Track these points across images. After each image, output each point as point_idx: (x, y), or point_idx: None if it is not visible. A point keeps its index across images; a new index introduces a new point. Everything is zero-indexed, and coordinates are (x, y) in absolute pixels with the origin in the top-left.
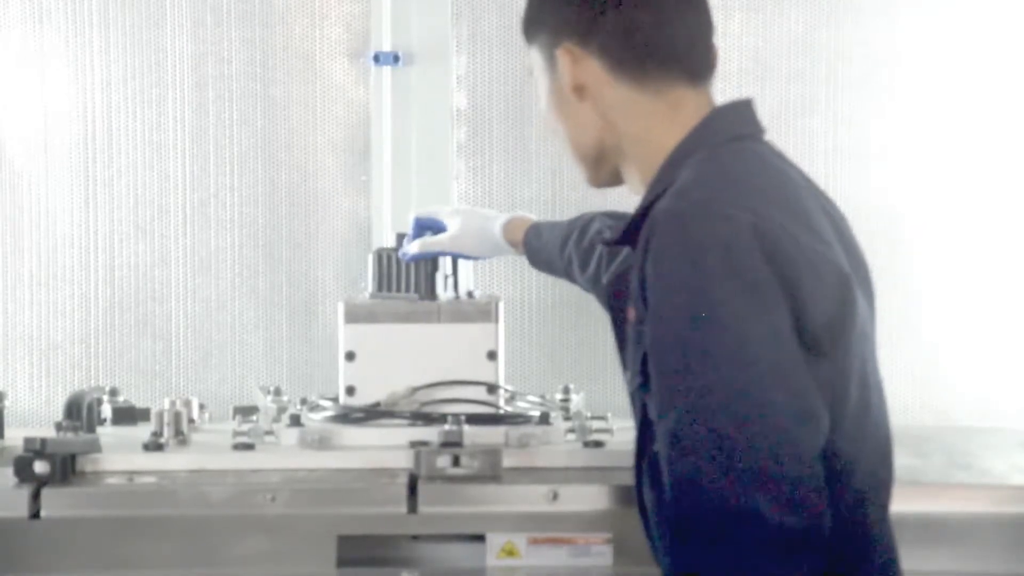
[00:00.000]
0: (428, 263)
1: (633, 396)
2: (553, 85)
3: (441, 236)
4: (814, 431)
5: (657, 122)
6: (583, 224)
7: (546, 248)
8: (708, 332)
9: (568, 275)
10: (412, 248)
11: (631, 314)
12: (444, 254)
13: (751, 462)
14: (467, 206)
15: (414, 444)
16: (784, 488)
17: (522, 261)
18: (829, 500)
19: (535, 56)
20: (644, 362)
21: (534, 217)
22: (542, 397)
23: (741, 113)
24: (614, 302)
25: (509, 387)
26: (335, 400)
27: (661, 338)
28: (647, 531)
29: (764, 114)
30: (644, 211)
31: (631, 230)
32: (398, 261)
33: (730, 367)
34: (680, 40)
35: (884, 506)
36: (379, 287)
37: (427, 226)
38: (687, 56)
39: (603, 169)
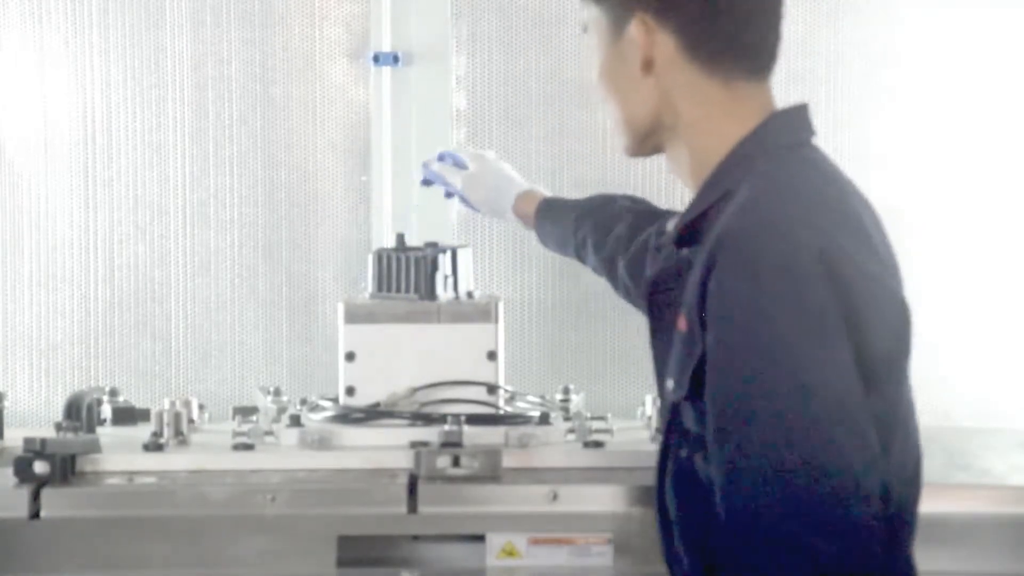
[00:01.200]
0: (428, 263)
1: (665, 399)
2: (613, 51)
3: (458, 172)
4: (874, 469)
5: (719, 112)
6: (601, 202)
7: (559, 224)
8: (771, 362)
9: (579, 255)
10: (431, 166)
11: (681, 322)
12: (452, 191)
13: (811, 502)
14: (492, 153)
15: (414, 444)
16: (843, 530)
17: (522, 260)
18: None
19: (598, 16)
20: (695, 374)
21: (548, 192)
22: (542, 397)
23: (801, 118)
24: (655, 300)
25: (509, 387)
26: (335, 400)
27: (722, 365)
28: (664, 534)
29: None
30: (703, 211)
31: (689, 229)
32: (398, 261)
33: (793, 400)
34: (756, 31)
35: (914, 530)
36: (379, 287)
37: (450, 159)
38: (759, 49)
39: (648, 143)
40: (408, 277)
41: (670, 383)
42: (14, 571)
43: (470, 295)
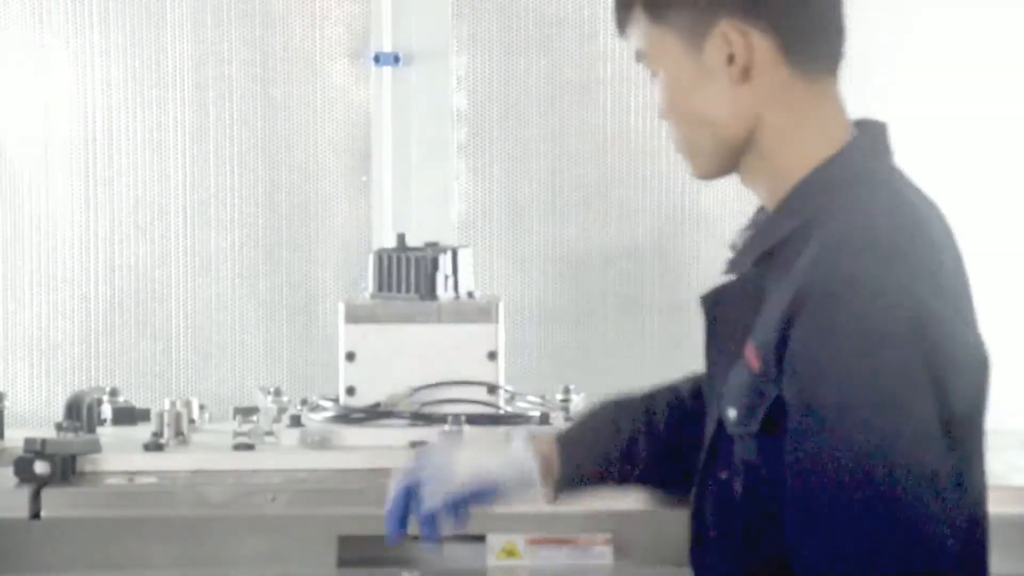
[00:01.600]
0: (428, 263)
1: (709, 419)
2: (694, 69)
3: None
4: (958, 539)
5: (807, 118)
6: (646, 408)
7: (594, 449)
8: (857, 430)
9: (634, 474)
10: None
11: (752, 358)
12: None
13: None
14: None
15: (414, 444)
16: None
17: (522, 261)
18: None
19: (662, 37)
20: (767, 417)
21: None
22: (542, 397)
23: (883, 136)
24: (716, 312)
25: (509, 387)
26: (335, 400)
27: (806, 429)
28: (696, 543)
29: None
30: (781, 236)
31: (765, 252)
32: (398, 261)
33: (879, 468)
34: (837, 16)
35: None
36: (379, 287)
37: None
38: (839, 36)
39: (729, 162)
40: (408, 277)
41: (732, 412)
42: (15, 571)
43: (470, 295)
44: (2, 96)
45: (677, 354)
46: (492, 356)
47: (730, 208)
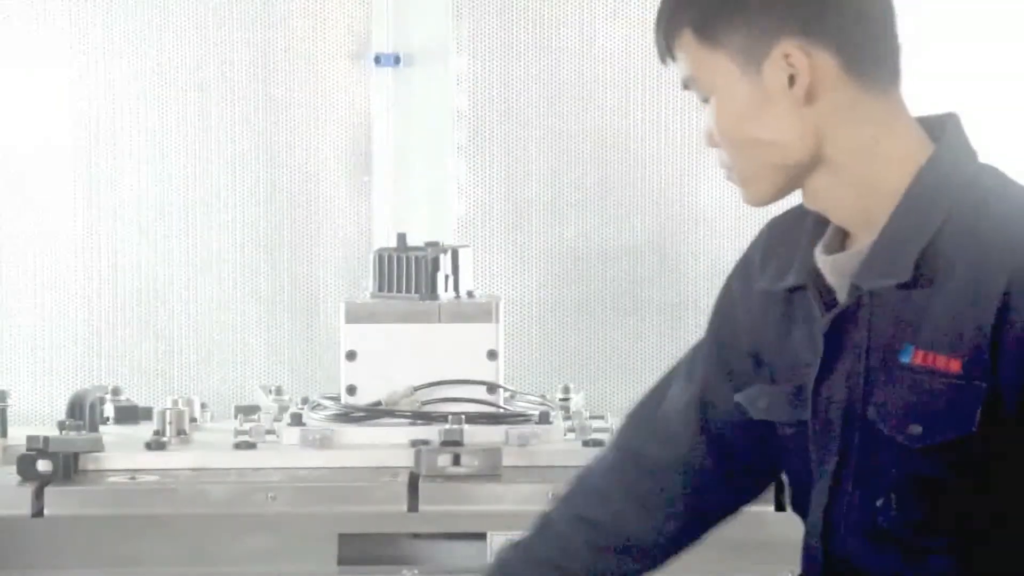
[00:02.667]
0: (429, 263)
1: (867, 435)
2: (753, 92)
3: None
4: None
5: (882, 131)
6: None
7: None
8: None
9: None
10: None
11: (940, 365)
12: None
13: None
14: None
15: (415, 443)
16: None
17: (522, 260)
18: None
19: (716, 61)
20: (983, 422)
21: None
22: (542, 396)
23: (962, 128)
24: (835, 340)
25: (509, 386)
26: (336, 399)
27: None
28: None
29: None
30: (925, 243)
31: (902, 263)
32: (399, 261)
33: None
34: (892, 28)
35: None
36: (380, 287)
37: None
38: (897, 47)
39: (789, 185)
40: (409, 277)
41: (916, 428)
42: (17, 568)
43: (470, 295)
44: (3, 96)
45: (675, 352)
46: (492, 355)
47: (726, 209)
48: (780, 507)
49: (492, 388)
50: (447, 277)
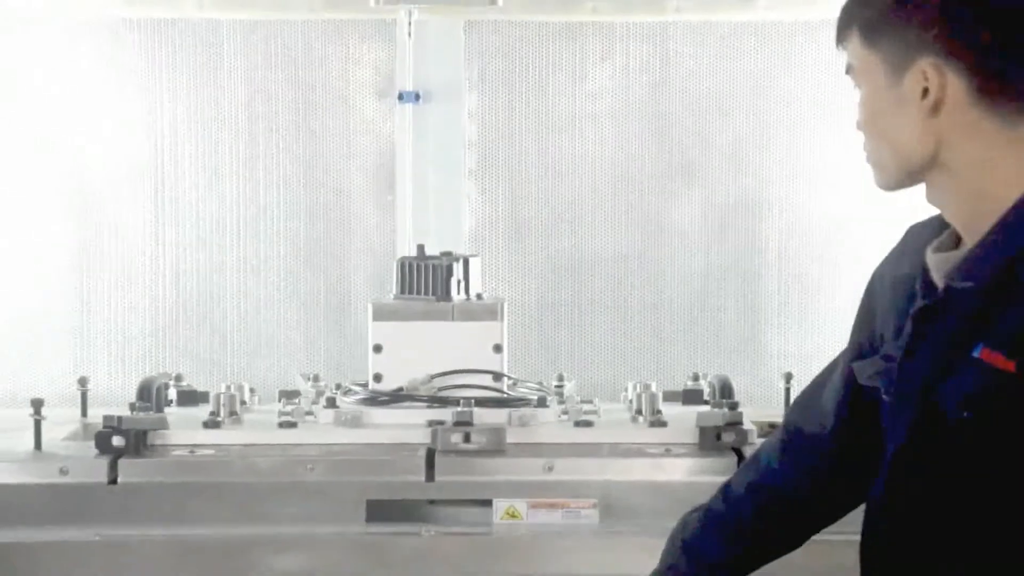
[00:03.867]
0: (444, 269)
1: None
2: (890, 95)
3: None
4: None
5: (1001, 154)
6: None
7: None
8: None
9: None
10: None
11: (1001, 363)
12: None
13: None
14: None
15: (431, 423)
16: None
17: (523, 268)
18: None
19: (871, 60)
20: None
21: None
22: (540, 383)
23: None
24: (923, 329)
25: (512, 375)
26: (365, 385)
27: None
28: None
29: (728, 145)
30: (1017, 251)
31: (986, 270)
32: (418, 268)
33: None
34: None
35: None
36: (402, 290)
37: None
38: None
39: (908, 179)
40: (427, 281)
41: (971, 414)
42: (95, 527)
43: (479, 296)
44: (87, 129)
45: (656, 346)
46: (497, 348)
47: (696, 225)
48: None
49: (497, 376)
50: (459, 282)
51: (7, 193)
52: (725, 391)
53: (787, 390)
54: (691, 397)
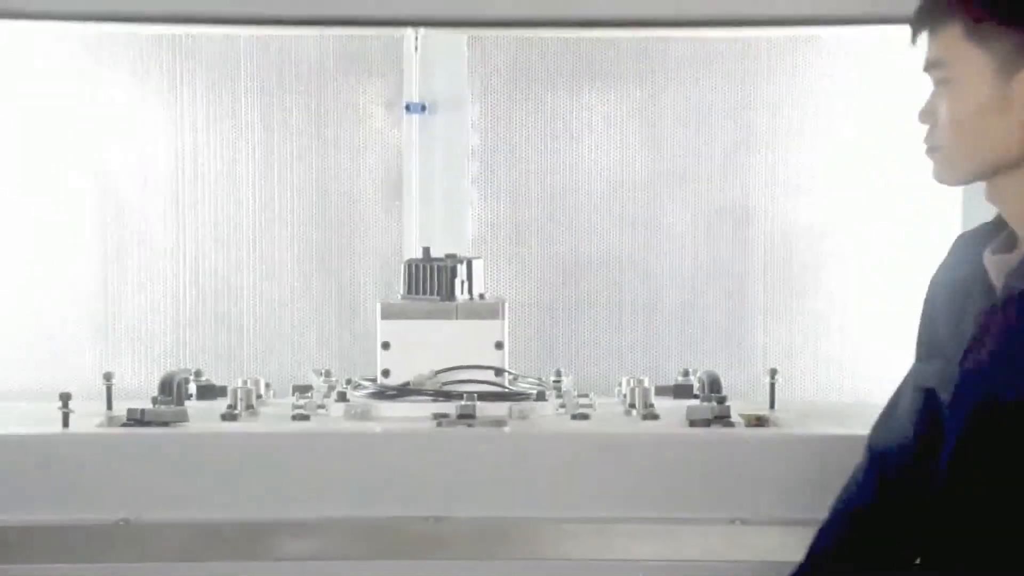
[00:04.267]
0: (448, 271)
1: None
2: (994, 94)
3: None
4: None
5: None
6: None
7: None
8: None
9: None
10: None
11: None
12: None
13: None
14: None
15: (436, 416)
16: None
17: (523, 269)
18: None
19: (976, 59)
20: None
21: None
22: (538, 379)
23: None
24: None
25: (512, 371)
26: (374, 380)
27: None
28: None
29: (717, 154)
30: None
31: None
32: (424, 269)
33: None
34: None
35: None
36: (409, 290)
37: None
38: None
39: (983, 177)
40: (432, 282)
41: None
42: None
43: (482, 296)
44: (113, 138)
45: (649, 343)
46: (499, 346)
47: (687, 228)
48: None
49: (499, 372)
50: (463, 282)
51: (39, 202)
52: (714, 386)
53: (772, 385)
54: (682, 391)
